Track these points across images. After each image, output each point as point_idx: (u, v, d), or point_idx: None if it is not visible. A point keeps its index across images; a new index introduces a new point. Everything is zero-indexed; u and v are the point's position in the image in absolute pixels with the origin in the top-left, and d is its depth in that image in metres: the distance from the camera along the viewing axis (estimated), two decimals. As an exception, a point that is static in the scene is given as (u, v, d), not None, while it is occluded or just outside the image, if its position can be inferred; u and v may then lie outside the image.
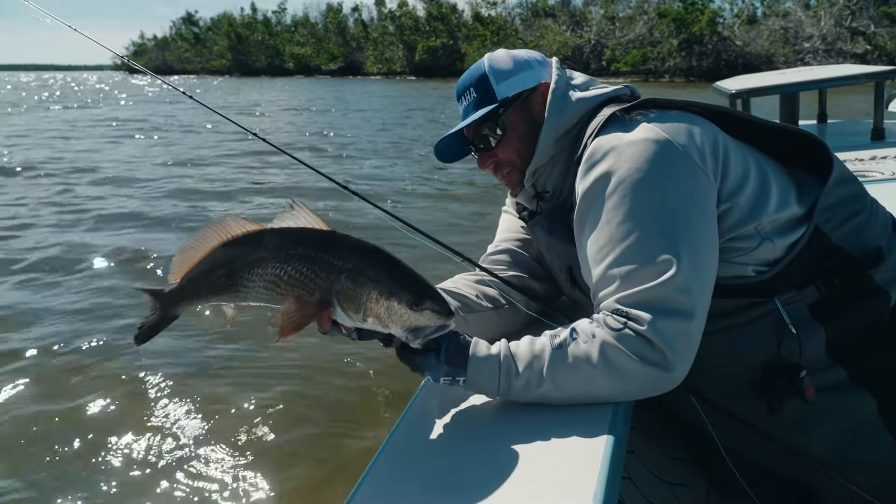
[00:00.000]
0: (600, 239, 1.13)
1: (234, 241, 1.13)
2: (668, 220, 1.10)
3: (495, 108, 1.33)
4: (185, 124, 19.68)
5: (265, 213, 8.31)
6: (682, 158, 1.13)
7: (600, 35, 58.52)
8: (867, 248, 1.22)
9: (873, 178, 3.31)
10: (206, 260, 1.16)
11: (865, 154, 4.00)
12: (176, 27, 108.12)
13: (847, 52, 45.83)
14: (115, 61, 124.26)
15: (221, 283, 1.14)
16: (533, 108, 1.34)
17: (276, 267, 1.08)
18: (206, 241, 1.15)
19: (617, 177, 1.12)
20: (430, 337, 1.06)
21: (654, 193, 1.11)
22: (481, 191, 9.18)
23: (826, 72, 5.20)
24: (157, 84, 47.34)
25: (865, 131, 4.76)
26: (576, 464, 0.94)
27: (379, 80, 68.23)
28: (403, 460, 1.04)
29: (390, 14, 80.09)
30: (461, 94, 1.39)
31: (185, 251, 1.18)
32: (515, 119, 1.34)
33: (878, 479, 1.17)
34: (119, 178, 10.67)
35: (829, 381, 1.19)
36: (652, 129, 1.15)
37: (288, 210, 1.10)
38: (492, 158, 1.38)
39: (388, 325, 1.06)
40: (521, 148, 1.34)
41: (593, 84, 1.36)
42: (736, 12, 55.86)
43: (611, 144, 1.15)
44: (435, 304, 1.05)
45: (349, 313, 1.06)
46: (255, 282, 1.11)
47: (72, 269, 5.91)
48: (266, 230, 1.11)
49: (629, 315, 1.06)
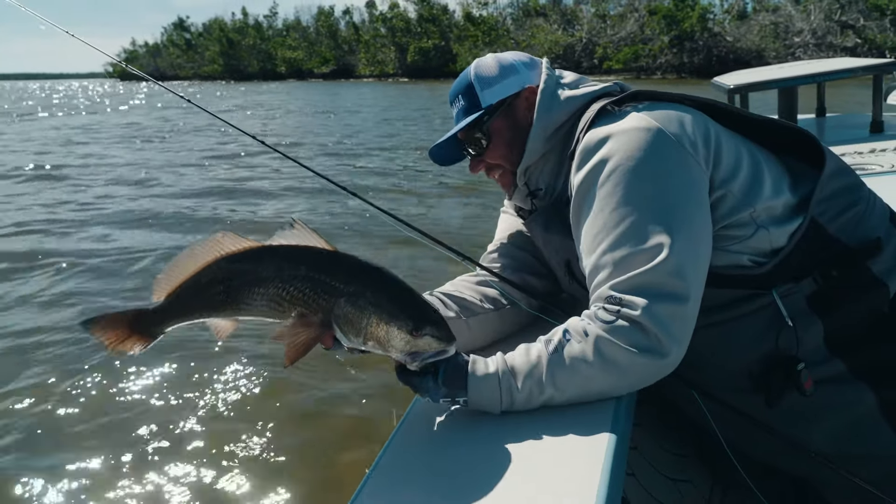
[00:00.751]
0: (595, 227, 1.14)
1: (231, 257, 1.11)
2: (661, 205, 1.11)
3: (480, 115, 1.36)
4: (194, 128, 19.71)
5: (266, 214, 8.34)
6: (673, 146, 1.14)
7: (591, 33, 58.63)
8: (864, 239, 1.22)
9: (872, 171, 3.31)
10: (200, 276, 1.13)
11: (864, 147, 4.00)
12: (167, 33, 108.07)
13: (837, 45, 46.06)
14: (106, 69, 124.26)
15: (219, 299, 1.12)
16: (517, 113, 1.37)
17: (278, 286, 1.07)
18: (195, 257, 1.13)
19: (609, 166, 1.14)
20: (429, 361, 1.06)
21: (646, 181, 1.12)
22: (480, 191, 9.19)
23: (824, 65, 5.19)
24: (153, 90, 47.15)
25: (864, 124, 4.76)
26: (578, 461, 0.94)
27: (371, 82, 68.26)
28: (405, 460, 1.04)
29: (381, 16, 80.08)
30: (452, 100, 1.44)
31: (172, 269, 1.15)
32: (500, 125, 1.38)
33: (880, 472, 1.17)
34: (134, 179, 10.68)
35: (828, 374, 1.19)
36: (643, 118, 1.16)
37: (288, 228, 1.09)
38: (482, 162, 1.42)
39: (388, 349, 1.05)
40: (507, 152, 1.38)
41: (583, 82, 1.37)
42: (726, 8, 56.08)
43: (603, 135, 1.17)
44: (435, 330, 1.04)
45: (349, 337, 1.06)
46: (256, 299, 1.09)
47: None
48: (266, 247, 1.10)
49: (622, 301, 1.07)
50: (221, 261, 1.12)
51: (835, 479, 1.16)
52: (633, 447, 1.51)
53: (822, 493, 1.30)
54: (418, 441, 1.09)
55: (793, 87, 4.97)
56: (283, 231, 1.09)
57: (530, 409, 1.10)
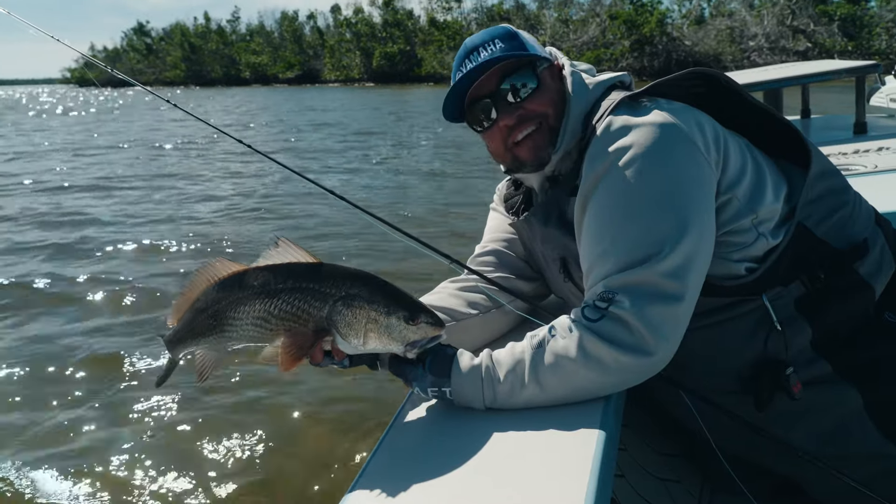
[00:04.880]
0: (602, 218, 1.12)
1: (218, 283, 1.15)
2: (672, 203, 1.09)
3: (532, 55, 1.25)
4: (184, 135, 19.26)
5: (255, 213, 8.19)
6: (690, 145, 1.13)
7: (555, 38, 59.51)
8: (851, 241, 1.23)
9: (856, 172, 3.35)
10: (194, 305, 1.18)
11: (848, 148, 4.05)
12: (127, 38, 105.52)
13: (790, 49, 47.78)
14: (63, 74, 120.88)
15: (206, 324, 1.16)
16: (558, 77, 1.29)
17: (265, 302, 1.10)
18: (199, 284, 1.18)
19: (627, 157, 1.11)
20: (426, 347, 1.09)
21: (660, 176, 1.10)
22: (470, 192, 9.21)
23: (809, 68, 5.26)
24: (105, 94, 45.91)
25: (848, 126, 4.80)
26: (568, 462, 0.92)
27: (337, 87, 67.92)
28: (394, 464, 1.02)
29: (346, 21, 79.77)
30: (481, 44, 1.26)
31: (183, 295, 1.20)
32: (548, 77, 1.28)
33: (867, 471, 1.17)
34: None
35: (815, 375, 1.20)
36: (663, 115, 1.15)
37: (273, 247, 1.12)
38: (519, 109, 1.26)
39: (389, 342, 1.08)
40: (557, 101, 1.26)
41: (594, 71, 1.36)
42: (684, 13, 57.58)
43: (623, 126, 1.14)
44: (428, 317, 1.09)
45: (349, 339, 1.08)
46: (241, 320, 1.12)
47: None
48: (250, 269, 1.13)
49: (614, 298, 1.05)
50: (210, 288, 1.16)
51: (823, 478, 1.17)
52: (622, 448, 1.51)
53: (810, 492, 1.30)
54: (407, 443, 1.08)
55: (778, 90, 5.05)
56: (269, 250, 1.12)
57: (515, 406, 1.08)
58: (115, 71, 1.81)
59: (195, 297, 1.18)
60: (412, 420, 1.15)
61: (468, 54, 1.27)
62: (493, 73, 1.26)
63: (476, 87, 1.28)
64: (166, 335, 1.24)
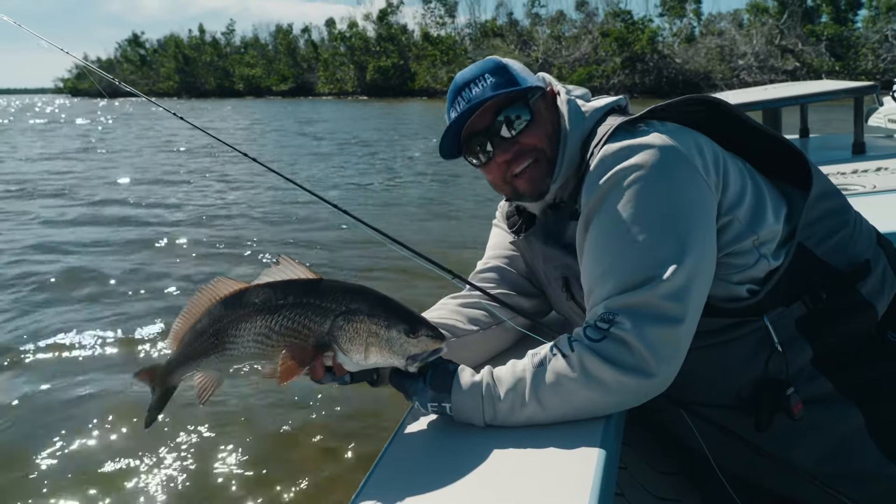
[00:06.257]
0: (602, 240, 1.13)
1: (220, 301, 1.15)
2: (672, 225, 1.10)
3: (524, 89, 1.26)
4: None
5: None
6: (689, 167, 1.14)
7: (547, 54, 60.09)
8: (853, 261, 1.24)
9: (855, 192, 3.37)
10: (196, 324, 1.18)
11: (847, 168, 4.08)
12: (121, 49, 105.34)
13: (779, 68, 48.48)
14: (56, 84, 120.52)
15: (209, 343, 1.16)
16: (552, 105, 1.30)
17: (266, 318, 1.10)
18: (200, 305, 1.18)
19: (627, 181, 1.12)
20: (427, 360, 1.10)
21: (661, 199, 1.11)
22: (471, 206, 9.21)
23: (807, 87, 5.32)
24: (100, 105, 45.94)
25: (846, 145, 4.84)
26: (568, 480, 0.92)
27: (330, 100, 68.07)
28: (394, 478, 1.02)
29: (340, 35, 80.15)
30: (472, 80, 1.27)
31: (183, 317, 1.20)
32: (542, 107, 1.29)
33: (868, 492, 1.17)
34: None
35: (816, 393, 1.20)
36: (661, 138, 1.16)
37: (274, 265, 1.13)
38: (515, 145, 1.27)
39: (390, 356, 1.08)
40: (549, 133, 1.27)
41: (590, 96, 1.36)
42: (675, 31, 58.37)
43: (620, 149, 1.15)
44: (429, 330, 1.09)
45: (351, 354, 1.09)
46: (243, 337, 1.12)
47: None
48: (251, 286, 1.14)
49: (615, 320, 1.05)
50: (212, 307, 1.16)
51: (823, 498, 1.16)
52: (622, 467, 1.50)
53: None
54: (404, 462, 1.07)
55: (777, 109, 5.10)
56: (270, 269, 1.13)
57: (515, 424, 1.08)
58: (123, 84, 1.81)
59: (195, 318, 1.18)
60: (413, 435, 1.15)
61: (459, 91, 1.29)
62: (486, 109, 1.27)
63: (471, 124, 1.29)
64: (165, 363, 1.24)
